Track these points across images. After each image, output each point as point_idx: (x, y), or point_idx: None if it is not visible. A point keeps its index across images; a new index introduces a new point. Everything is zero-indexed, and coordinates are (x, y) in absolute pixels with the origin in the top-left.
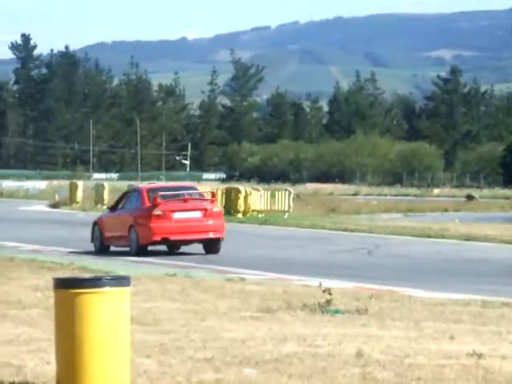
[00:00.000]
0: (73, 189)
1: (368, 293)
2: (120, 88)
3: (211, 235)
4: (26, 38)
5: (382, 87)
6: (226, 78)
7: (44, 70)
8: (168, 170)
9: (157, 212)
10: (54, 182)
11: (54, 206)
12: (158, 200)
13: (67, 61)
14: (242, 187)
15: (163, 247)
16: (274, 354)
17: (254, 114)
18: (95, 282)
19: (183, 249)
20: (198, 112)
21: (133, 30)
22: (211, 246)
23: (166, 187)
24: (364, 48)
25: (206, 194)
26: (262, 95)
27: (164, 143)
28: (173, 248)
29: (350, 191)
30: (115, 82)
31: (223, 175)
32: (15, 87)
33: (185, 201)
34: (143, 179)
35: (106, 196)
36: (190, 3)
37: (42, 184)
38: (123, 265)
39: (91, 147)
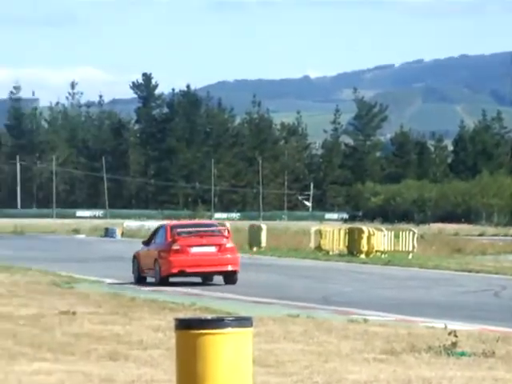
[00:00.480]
0: None
1: (494, 335)
2: (242, 127)
3: (229, 268)
4: (147, 78)
5: (509, 126)
6: (348, 116)
7: (165, 110)
8: (290, 210)
9: (175, 247)
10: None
11: None
12: (177, 236)
13: (188, 100)
14: (365, 227)
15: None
16: None
17: (378, 153)
18: (217, 323)
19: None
20: (320, 151)
21: (255, 69)
22: (228, 278)
23: (187, 224)
24: (490, 86)
25: (224, 231)
26: (386, 134)
27: (286, 182)
28: (205, 279)
29: (476, 231)
30: (237, 120)
31: (346, 215)
32: (137, 126)
33: (201, 236)
34: (265, 219)
35: None
36: (312, 42)
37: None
38: (245, 305)
39: (212, 186)
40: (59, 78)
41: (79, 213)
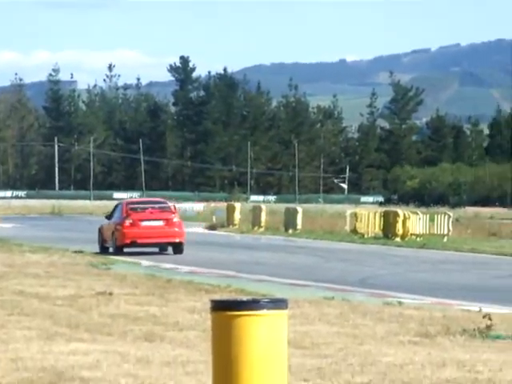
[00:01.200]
0: (230, 211)
1: None
2: (278, 110)
3: (176, 240)
4: (184, 61)
5: None
6: (385, 100)
7: (202, 92)
8: (325, 193)
9: (128, 221)
10: (212, 204)
11: (212, 227)
12: (130, 211)
13: (225, 83)
14: (401, 211)
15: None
16: (433, 380)
17: (414, 137)
18: (253, 305)
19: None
20: (356, 135)
21: (291, 52)
22: (176, 249)
23: (141, 201)
24: None
25: (172, 207)
26: (422, 118)
27: (322, 166)
28: (161, 250)
29: (511, 215)
30: (274, 103)
31: (381, 198)
32: (173, 109)
33: (151, 212)
34: (301, 202)
35: (263, 218)
36: (349, 25)
37: (199, 206)
38: (280, 287)
39: (249, 169)
40: (97, 61)
41: (116, 195)
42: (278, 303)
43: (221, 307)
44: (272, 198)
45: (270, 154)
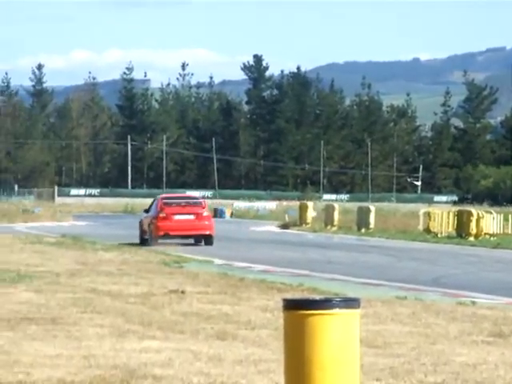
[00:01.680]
0: (303, 209)
1: None
2: (351, 109)
3: (206, 232)
4: (258, 59)
5: None
6: (458, 99)
7: (275, 91)
8: (399, 192)
9: (162, 215)
10: (284, 203)
11: (284, 226)
12: (163, 206)
13: (298, 81)
14: (474, 210)
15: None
16: (507, 380)
17: (488, 136)
18: (325, 304)
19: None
20: (429, 134)
21: (365, 51)
22: (206, 240)
23: (174, 197)
24: None
25: (202, 203)
26: (496, 117)
27: (395, 164)
28: (196, 241)
29: None
30: (347, 102)
31: (455, 198)
32: (246, 108)
33: (183, 207)
34: (373, 200)
35: (336, 217)
36: (423, 24)
37: (272, 204)
38: (353, 287)
39: (321, 168)
40: (170, 60)
41: (189, 193)
42: (351, 302)
43: (293, 306)
44: (345, 196)
45: (342, 152)
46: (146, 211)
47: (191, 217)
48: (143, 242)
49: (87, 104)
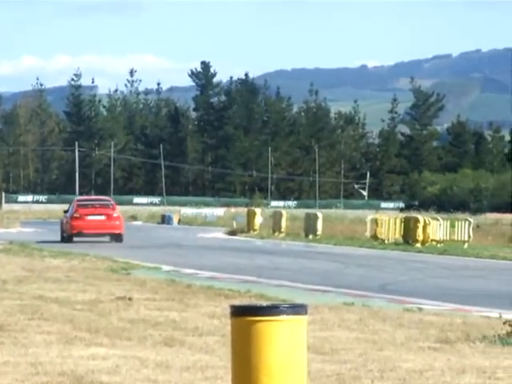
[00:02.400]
0: (251, 216)
1: None
2: (299, 115)
3: (116, 231)
4: (205, 66)
5: None
6: (406, 106)
7: (223, 97)
8: (346, 198)
9: (76, 215)
10: (232, 209)
11: (232, 233)
12: (78, 207)
13: (246, 88)
14: (421, 216)
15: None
16: None
17: (434, 143)
18: (272, 310)
19: None
20: (377, 140)
21: (312, 58)
22: (116, 238)
23: (88, 199)
24: None
25: (113, 205)
26: (443, 124)
27: (342, 171)
28: (112, 239)
29: None
30: (294, 109)
31: (402, 204)
32: (194, 114)
33: (95, 208)
34: (321, 207)
35: (283, 224)
36: (370, 31)
37: (219, 211)
38: (300, 293)
39: (269, 174)
40: (119, 66)
41: (136, 199)
42: (298, 309)
43: (240, 312)
44: (292, 203)
45: (290, 159)
46: (66, 212)
47: (102, 217)
48: (63, 239)
49: (35, 110)
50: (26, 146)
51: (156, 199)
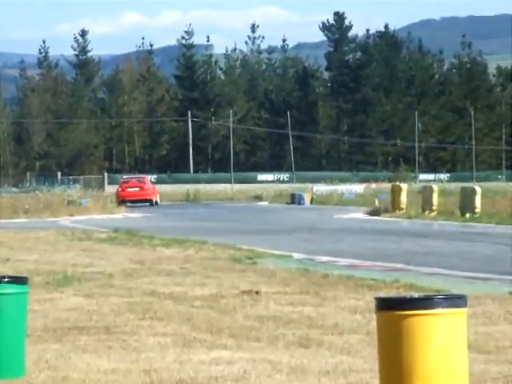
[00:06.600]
0: (395, 193)
1: None
2: (450, 73)
3: (149, 198)
4: (339, 18)
5: None
6: None
7: (360, 54)
8: (508, 169)
9: (120, 188)
10: (373, 185)
11: (374, 213)
12: (121, 183)
13: (387, 42)
14: None
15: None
16: None
17: None
18: (425, 303)
19: None
20: None
21: (465, 4)
22: (151, 203)
23: (128, 177)
24: None
25: (146, 179)
26: None
27: (504, 136)
28: (149, 204)
29: None
30: (445, 65)
31: None
32: (327, 75)
33: (133, 183)
34: (479, 180)
35: (434, 201)
36: None
37: (358, 188)
38: (457, 281)
39: (416, 143)
40: (237, 21)
41: (261, 176)
42: (456, 300)
43: (387, 306)
44: (444, 176)
45: (441, 124)
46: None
47: (137, 189)
48: (119, 204)
49: (141, 75)
50: (132, 117)
51: (284, 175)
